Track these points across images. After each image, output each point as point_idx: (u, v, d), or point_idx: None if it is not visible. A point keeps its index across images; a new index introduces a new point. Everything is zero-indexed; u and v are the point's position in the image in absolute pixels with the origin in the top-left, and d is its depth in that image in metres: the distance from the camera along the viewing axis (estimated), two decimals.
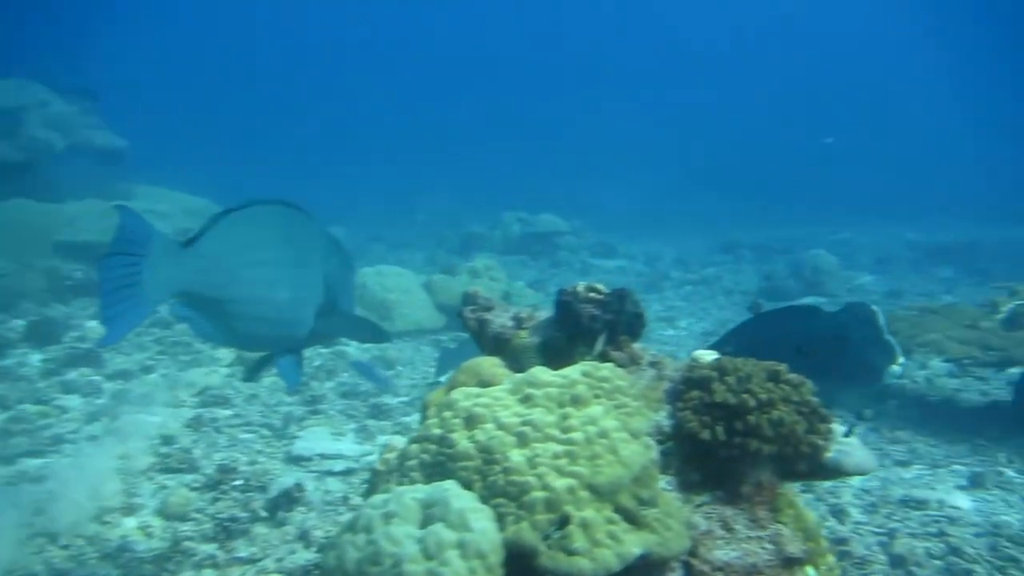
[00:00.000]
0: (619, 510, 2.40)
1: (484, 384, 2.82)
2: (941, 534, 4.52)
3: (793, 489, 2.86)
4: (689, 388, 2.91)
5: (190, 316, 2.19)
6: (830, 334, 5.13)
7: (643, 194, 24.91)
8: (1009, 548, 4.29)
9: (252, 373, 2.73)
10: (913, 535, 4.51)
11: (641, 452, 2.52)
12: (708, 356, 3.22)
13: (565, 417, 2.55)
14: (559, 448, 2.40)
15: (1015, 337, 6.11)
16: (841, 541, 4.44)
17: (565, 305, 2.97)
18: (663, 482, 2.70)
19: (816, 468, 2.99)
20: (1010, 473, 5.49)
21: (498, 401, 2.60)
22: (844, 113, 38.08)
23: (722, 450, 2.71)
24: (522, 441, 2.41)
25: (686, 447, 2.76)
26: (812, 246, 13.80)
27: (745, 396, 2.75)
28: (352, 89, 53.33)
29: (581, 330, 2.94)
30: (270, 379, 6.45)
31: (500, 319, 3.15)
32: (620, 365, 2.98)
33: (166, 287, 2.10)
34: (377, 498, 2.25)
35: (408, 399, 6.66)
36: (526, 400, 2.60)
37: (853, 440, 3.14)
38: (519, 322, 3.12)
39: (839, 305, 6.27)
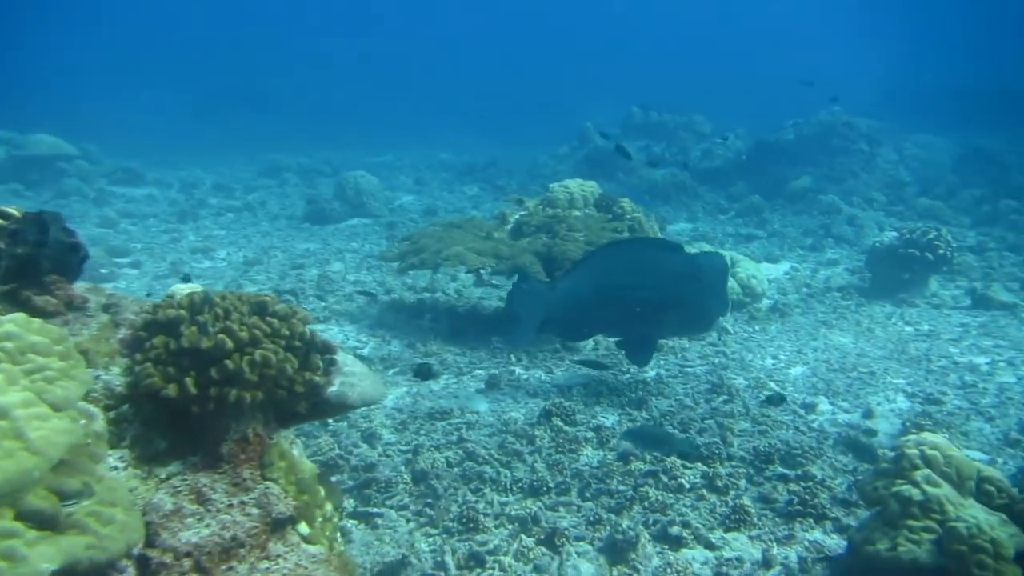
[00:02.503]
0: (26, 515, 1.71)
1: None
2: (460, 440, 4.72)
3: (289, 435, 2.49)
4: (152, 333, 2.28)
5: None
6: (685, 271, 5.00)
7: (175, 113, 22.44)
8: (514, 443, 4.66)
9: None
10: (436, 447, 4.62)
11: (67, 429, 1.83)
12: (184, 290, 2.62)
13: None
14: None
15: (519, 245, 6.73)
16: (369, 467, 4.33)
17: None
18: (113, 459, 2.07)
19: (318, 407, 2.67)
20: (519, 371, 6.07)
21: None
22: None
23: (195, 405, 2.17)
24: None
25: (147, 408, 2.15)
26: (356, 168, 13.85)
27: (222, 336, 2.23)
28: None
29: None
30: None
31: None
32: (49, 313, 2.20)
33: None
34: None
35: None
36: None
37: (359, 368, 2.89)
38: None
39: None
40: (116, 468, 2.02)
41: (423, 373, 5.11)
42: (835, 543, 3.64)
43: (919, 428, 4.63)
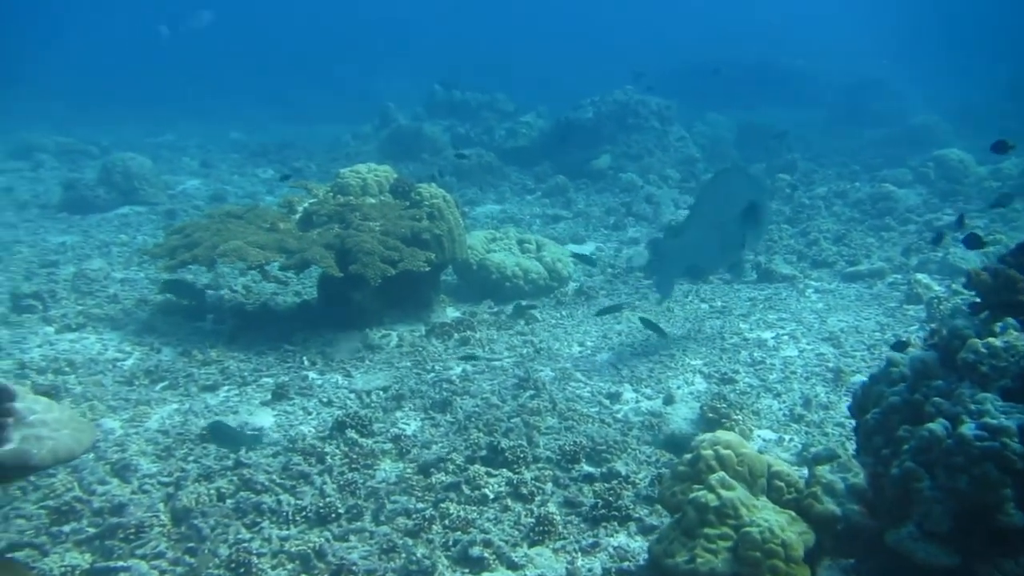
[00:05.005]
0: None
1: None
2: (237, 466, 4.10)
3: None
4: None
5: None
6: (760, 191, 6.17)
7: None
8: (300, 464, 4.12)
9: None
10: (206, 475, 3.98)
11: None
12: None
13: None
14: None
15: (308, 237, 6.11)
16: (117, 509, 3.62)
17: None
18: None
19: None
20: (312, 375, 5.50)
21: None
22: None
23: None
24: None
25: None
26: (129, 149, 12.28)
27: None
28: None
29: None
30: None
31: None
32: None
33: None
34: None
35: None
36: None
37: (54, 415, 2.23)
38: None
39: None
40: None
41: None
42: (638, 546, 3.49)
43: (715, 412, 4.67)
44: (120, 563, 3.29)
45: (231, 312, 6.75)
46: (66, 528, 3.44)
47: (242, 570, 3.27)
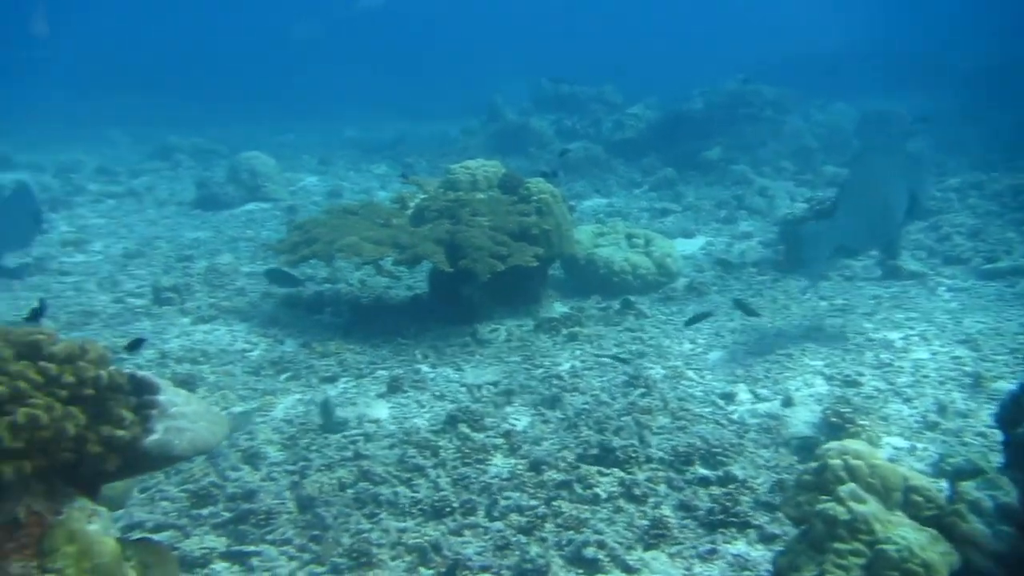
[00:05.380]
0: None
1: None
2: (356, 457, 4.25)
3: (86, 505, 1.96)
4: None
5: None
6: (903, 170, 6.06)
7: (59, 92, 20.69)
8: (415, 456, 4.22)
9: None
10: (328, 466, 4.14)
11: None
12: None
13: None
14: None
15: (420, 233, 6.24)
16: (249, 495, 3.82)
17: None
18: None
19: (133, 462, 2.15)
20: (425, 369, 5.62)
21: None
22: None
23: None
24: None
25: None
26: (255, 148, 12.94)
27: None
28: None
29: None
30: None
31: None
32: None
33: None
34: None
35: None
36: None
37: (192, 407, 2.37)
38: None
39: None
40: None
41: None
42: (760, 555, 3.37)
43: (839, 416, 4.44)
44: (252, 547, 3.48)
45: (347, 306, 6.99)
46: (204, 511, 3.66)
47: (363, 559, 3.38)
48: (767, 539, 3.47)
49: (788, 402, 4.89)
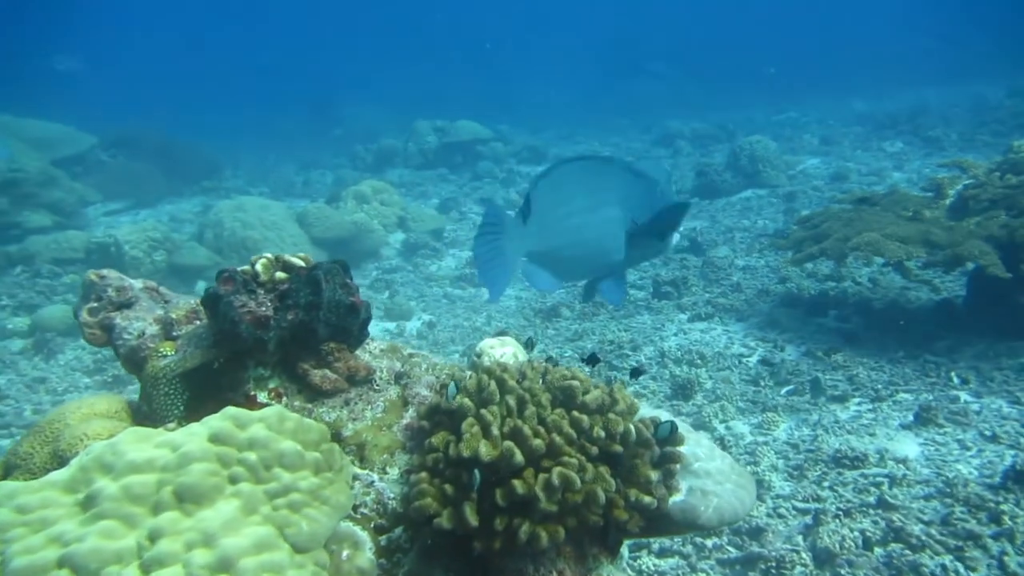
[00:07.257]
0: None
1: (62, 456, 1.63)
2: (881, 504, 3.53)
3: (612, 573, 1.76)
4: (435, 426, 1.74)
5: (530, 271, 2.72)
6: None
7: (571, 87, 23.31)
8: (965, 519, 3.31)
9: (587, 296, 3.16)
10: (846, 512, 3.51)
11: None
12: (495, 353, 2.01)
13: (155, 536, 1.37)
14: None
15: (962, 228, 5.02)
16: (756, 533, 3.43)
17: (213, 301, 1.72)
18: None
19: (655, 523, 1.89)
20: (965, 397, 4.52)
21: (32, 512, 1.40)
22: None
23: (477, 541, 1.58)
24: None
25: (424, 536, 1.63)
26: (754, 130, 12.55)
27: (509, 445, 1.59)
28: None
29: (242, 344, 1.72)
30: None
31: (139, 324, 1.91)
32: (326, 391, 1.79)
33: (519, 252, 2.68)
34: None
35: None
36: (90, 504, 1.41)
37: (716, 464, 2.01)
38: (168, 327, 1.89)
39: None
40: None
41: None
42: None
43: None
44: None
45: (855, 308, 6.12)
46: (708, 542, 3.40)
47: None
48: None
49: None
